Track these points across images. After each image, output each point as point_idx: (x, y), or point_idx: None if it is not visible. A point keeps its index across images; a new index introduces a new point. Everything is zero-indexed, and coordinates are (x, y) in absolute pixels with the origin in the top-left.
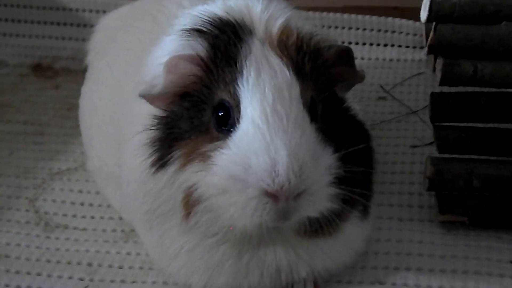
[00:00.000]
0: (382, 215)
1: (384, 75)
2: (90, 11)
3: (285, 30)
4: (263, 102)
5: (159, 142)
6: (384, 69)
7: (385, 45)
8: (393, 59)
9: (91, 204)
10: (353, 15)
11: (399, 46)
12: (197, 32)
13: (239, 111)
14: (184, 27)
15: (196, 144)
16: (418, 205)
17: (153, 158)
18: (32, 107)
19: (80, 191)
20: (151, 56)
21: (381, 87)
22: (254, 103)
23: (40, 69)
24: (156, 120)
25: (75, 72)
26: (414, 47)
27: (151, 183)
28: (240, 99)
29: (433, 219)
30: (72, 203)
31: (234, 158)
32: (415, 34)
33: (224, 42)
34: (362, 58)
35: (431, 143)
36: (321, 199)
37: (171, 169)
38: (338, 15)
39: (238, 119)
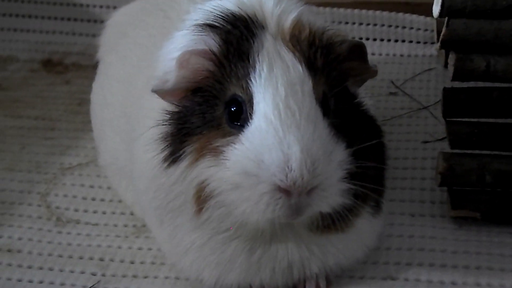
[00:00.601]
0: (394, 210)
1: (395, 70)
2: (101, 6)
3: (297, 25)
4: (276, 97)
5: (171, 137)
6: (395, 64)
7: (396, 41)
8: (404, 55)
9: (102, 199)
10: (363, 11)
11: (410, 41)
12: (210, 27)
13: (251, 106)
14: (196, 22)
15: (208, 139)
16: (430, 201)
17: (165, 153)
18: (43, 102)
19: (92, 186)
20: (163, 51)
21: (392, 82)
22: (267, 98)
23: (50, 65)
24: (168, 115)
25: (85, 67)
26: (425, 43)
27: (163, 178)
28: (253, 94)
29: (445, 215)
30: (84, 198)
31: (247, 153)
32: (426, 30)
33: (236, 37)
34: (373, 54)
35: (442, 139)
36: (333, 194)
37: (183, 164)
38: (348, 10)
39: (250, 114)
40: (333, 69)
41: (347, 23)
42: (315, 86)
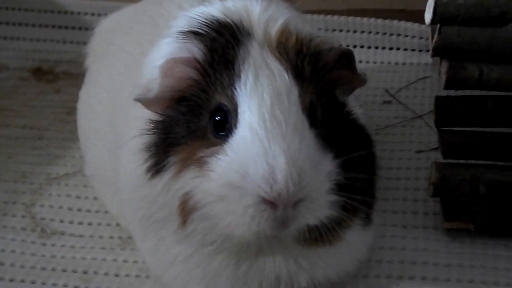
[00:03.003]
0: (386, 222)
1: (389, 79)
2: (92, 14)
3: (285, 32)
4: (261, 106)
5: (155, 147)
6: (389, 72)
7: (391, 49)
8: (398, 63)
9: (88, 210)
10: (357, 18)
11: (405, 49)
12: (194, 34)
13: (236, 116)
14: (180, 29)
15: (193, 150)
16: (423, 212)
17: (148, 163)
18: (31, 111)
19: (78, 197)
20: (148, 58)
21: (386, 91)
22: (252, 107)
23: (40, 73)
24: (152, 125)
25: (76, 76)
26: (420, 51)
27: (146, 189)
28: (238, 104)
29: (438, 227)
30: (69, 209)
31: (231, 165)
32: (421, 37)
33: (221, 44)
34: (367, 62)
35: (436, 148)
36: (320, 206)
37: (167, 175)
38: (342, 18)
39: (235, 124)
40: (321, 78)
41: (341, 30)
42: (302, 95)
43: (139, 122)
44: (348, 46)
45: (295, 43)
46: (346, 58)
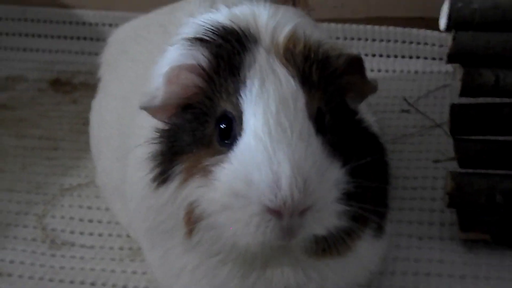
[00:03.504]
0: (401, 232)
1: (408, 87)
2: (110, 25)
3: (292, 38)
4: (267, 113)
5: (161, 156)
6: (408, 81)
7: (410, 57)
8: (418, 71)
9: (100, 221)
10: (376, 27)
11: (425, 58)
12: (200, 41)
13: (241, 123)
14: (186, 36)
15: (198, 158)
16: (439, 222)
17: (154, 172)
18: (48, 122)
19: (90, 208)
20: (156, 66)
21: (405, 99)
22: (257, 114)
23: (58, 84)
24: (158, 133)
25: (93, 86)
26: (441, 59)
27: (153, 199)
28: (243, 110)
29: (455, 237)
30: (81, 219)
31: (236, 173)
32: (441, 45)
33: (227, 51)
34: (386, 71)
35: (454, 158)
36: (328, 216)
37: (173, 184)
38: (361, 26)
39: (240, 132)
40: (329, 84)
41: (359, 39)
42: (309, 101)
43: (145, 131)
44: (366, 55)
45: (303, 49)
46: (355, 64)
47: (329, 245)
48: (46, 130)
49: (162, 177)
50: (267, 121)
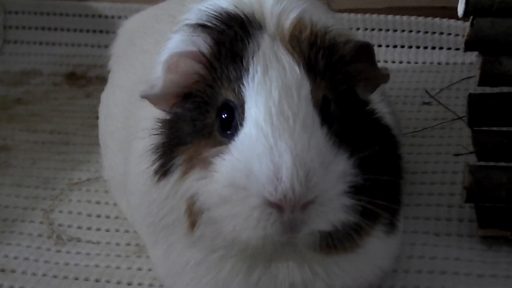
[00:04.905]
0: (417, 229)
1: (430, 79)
2: (126, 17)
3: (298, 25)
4: (269, 102)
5: (162, 148)
6: (431, 73)
7: (433, 48)
8: (441, 63)
9: (108, 216)
10: (397, 16)
11: (448, 48)
12: (201, 27)
13: (243, 112)
14: (188, 22)
15: (198, 149)
16: (458, 219)
17: (156, 165)
18: (60, 116)
19: (98, 202)
20: (160, 55)
21: (426, 91)
22: (259, 103)
23: (73, 78)
24: (159, 124)
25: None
26: None
27: (154, 192)
28: (245, 99)
29: (474, 234)
30: (89, 215)
31: (236, 164)
32: (464, 35)
33: (230, 37)
34: (408, 62)
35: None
36: (333, 210)
37: (173, 177)
38: (382, 16)
39: (241, 121)
40: (336, 72)
41: (380, 30)
42: (314, 90)
43: (147, 122)
44: (388, 45)
45: (309, 35)
46: (365, 51)
47: (336, 241)
48: (58, 125)
49: (163, 170)
50: (269, 110)
